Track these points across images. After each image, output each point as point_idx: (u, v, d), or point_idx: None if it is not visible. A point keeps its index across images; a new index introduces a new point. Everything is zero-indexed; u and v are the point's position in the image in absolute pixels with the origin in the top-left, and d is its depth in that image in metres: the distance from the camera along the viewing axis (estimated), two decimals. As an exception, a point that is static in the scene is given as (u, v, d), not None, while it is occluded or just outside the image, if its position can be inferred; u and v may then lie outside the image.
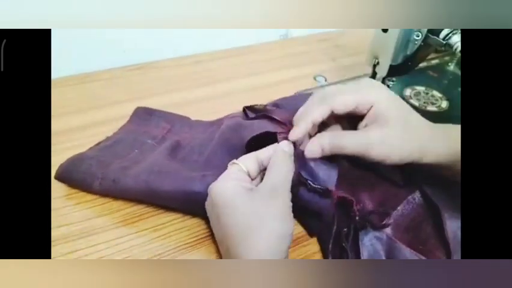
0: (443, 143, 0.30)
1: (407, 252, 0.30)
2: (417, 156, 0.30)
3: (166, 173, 0.33)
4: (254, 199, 0.27)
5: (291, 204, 0.28)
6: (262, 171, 0.31)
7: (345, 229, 0.31)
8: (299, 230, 0.34)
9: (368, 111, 0.30)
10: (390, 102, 0.30)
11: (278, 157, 0.30)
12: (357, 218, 0.31)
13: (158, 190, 0.32)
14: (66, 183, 0.36)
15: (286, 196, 0.28)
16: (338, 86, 0.32)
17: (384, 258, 0.30)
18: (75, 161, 0.36)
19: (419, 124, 0.31)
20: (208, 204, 0.30)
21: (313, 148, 0.30)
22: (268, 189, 0.28)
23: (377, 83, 0.32)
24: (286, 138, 0.31)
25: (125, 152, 0.39)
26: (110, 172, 0.35)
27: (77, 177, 0.35)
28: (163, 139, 0.42)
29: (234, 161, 0.30)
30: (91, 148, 0.40)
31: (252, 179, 0.30)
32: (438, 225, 0.32)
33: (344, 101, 0.29)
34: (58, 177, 0.36)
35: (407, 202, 0.34)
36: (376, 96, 0.29)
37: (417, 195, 0.35)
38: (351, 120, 0.32)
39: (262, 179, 0.30)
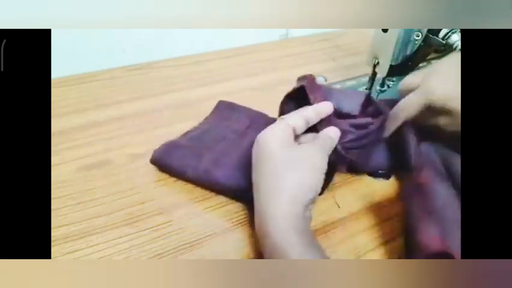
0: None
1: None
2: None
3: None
4: (291, 153, 0.30)
5: (325, 169, 0.30)
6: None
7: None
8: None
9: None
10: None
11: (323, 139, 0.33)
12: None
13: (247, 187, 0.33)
14: (159, 169, 0.38)
15: (324, 162, 0.30)
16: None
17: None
18: (170, 148, 0.38)
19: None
20: (254, 153, 0.32)
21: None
22: (307, 148, 0.31)
23: None
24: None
25: (213, 143, 0.40)
26: (202, 163, 0.37)
27: (172, 164, 0.37)
28: (244, 134, 0.42)
29: (282, 116, 0.33)
30: (180, 136, 0.41)
31: (296, 136, 0.33)
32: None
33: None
34: (154, 162, 0.38)
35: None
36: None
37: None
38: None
39: None
